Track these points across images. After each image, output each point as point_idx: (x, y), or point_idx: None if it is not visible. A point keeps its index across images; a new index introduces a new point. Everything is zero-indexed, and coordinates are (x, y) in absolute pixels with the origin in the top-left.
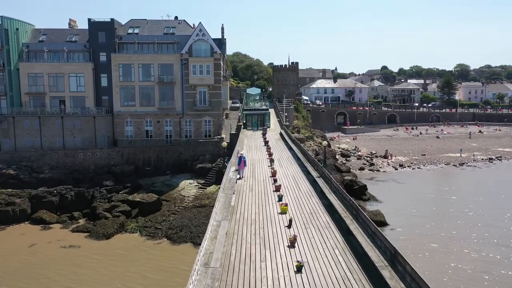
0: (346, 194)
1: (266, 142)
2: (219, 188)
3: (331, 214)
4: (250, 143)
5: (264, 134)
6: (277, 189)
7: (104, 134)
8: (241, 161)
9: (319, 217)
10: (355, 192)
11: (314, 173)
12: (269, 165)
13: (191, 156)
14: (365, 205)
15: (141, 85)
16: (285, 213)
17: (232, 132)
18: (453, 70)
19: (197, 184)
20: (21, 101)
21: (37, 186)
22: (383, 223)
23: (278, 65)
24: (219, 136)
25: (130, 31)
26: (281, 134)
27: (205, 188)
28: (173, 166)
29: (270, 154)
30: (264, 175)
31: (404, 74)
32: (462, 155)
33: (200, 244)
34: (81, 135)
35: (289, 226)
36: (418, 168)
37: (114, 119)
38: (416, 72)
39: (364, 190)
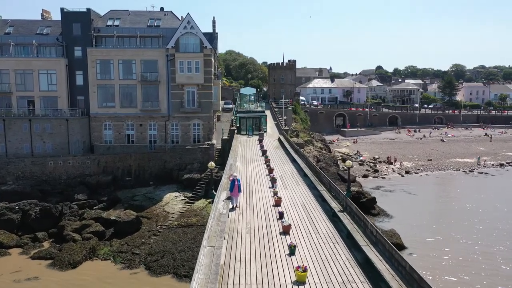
0: (398, 254)
1: (263, 152)
2: (206, 223)
3: (376, 286)
4: (244, 153)
5: (260, 141)
6: (286, 230)
7: (78, 139)
8: (235, 186)
9: None
10: (363, 205)
11: (333, 203)
12: (270, 186)
13: (177, 164)
14: (375, 221)
15: (122, 84)
16: (303, 282)
17: (224, 137)
18: (449, 70)
19: (183, 198)
20: None
21: None
22: (401, 246)
23: (274, 63)
24: (209, 142)
25: (109, 23)
26: (279, 140)
27: (193, 203)
28: (157, 176)
29: (270, 170)
30: (265, 203)
31: (399, 74)
32: (472, 160)
33: (184, 276)
34: (52, 141)
35: None
36: (426, 175)
37: (90, 122)
38: (412, 72)
39: (373, 203)
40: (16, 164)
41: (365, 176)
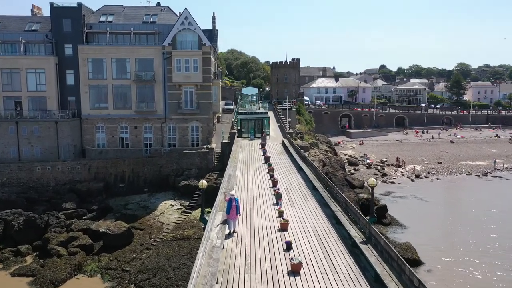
0: None
1: (266, 159)
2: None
3: None
4: (245, 159)
5: (263, 146)
6: (296, 270)
7: (69, 142)
8: (232, 208)
9: None
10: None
11: (352, 229)
12: (275, 202)
13: (174, 170)
14: (387, 231)
15: (115, 83)
16: None
17: (224, 141)
18: (454, 69)
19: (180, 207)
20: None
21: None
22: (417, 262)
23: (277, 62)
24: (208, 146)
25: (102, 18)
26: (284, 145)
27: (190, 213)
28: (152, 183)
29: (274, 182)
30: (269, 226)
31: (403, 73)
32: (484, 163)
33: None
34: (41, 144)
35: None
36: (437, 179)
37: (82, 125)
38: (416, 72)
39: (384, 211)
40: (1, 169)
41: None
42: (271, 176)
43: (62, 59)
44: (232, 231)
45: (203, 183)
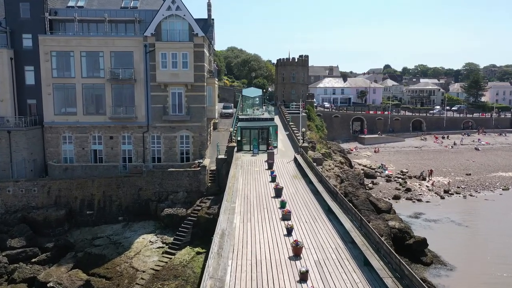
0: None
1: (277, 191)
2: None
3: None
4: (247, 190)
5: (271, 166)
6: None
7: (25, 157)
8: None
9: None
10: (409, 249)
11: None
12: None
13: (156, 194)
14: (427, 272)
15: (86, 83)
16: None
17: (220, 156)
18: (462, 69)
19: (161, 245)
20: None
21: None
22: None
23: (283, 59)
24: (200, 161)
25: (71, 3)
26: (296, 163)
27: (174, 254)
28: (128, 210)
29: (297, 250)
30: None
31: (408, 73)
32: None
33: None
34: None
35: None
36: (470, 195)
37: (44, 134)
38: (422, 71)
39: (423, 246)
40: None
41: (396, 197)
42: (289, 231)
43: (19, 52)
44: None
45: None
